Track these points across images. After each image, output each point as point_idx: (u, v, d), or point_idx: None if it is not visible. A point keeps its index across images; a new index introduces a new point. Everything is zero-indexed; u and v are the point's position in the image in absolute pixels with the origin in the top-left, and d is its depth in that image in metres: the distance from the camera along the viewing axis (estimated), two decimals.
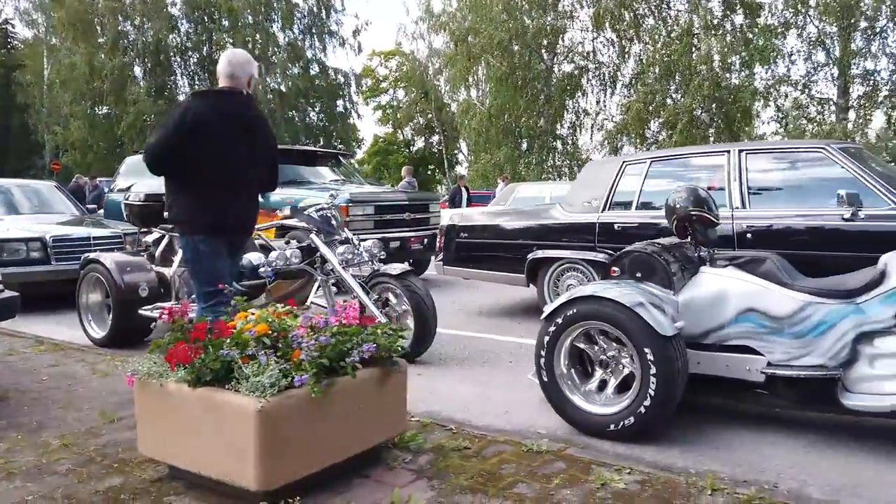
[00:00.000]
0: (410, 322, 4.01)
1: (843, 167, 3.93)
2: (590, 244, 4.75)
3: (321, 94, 30.12)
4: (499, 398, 3.29)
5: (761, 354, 2.76)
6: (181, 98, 29.03)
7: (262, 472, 1.86)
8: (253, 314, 2.26)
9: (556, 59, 22.48)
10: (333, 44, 28.95)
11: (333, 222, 4.33)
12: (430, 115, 35.90)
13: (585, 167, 5.31)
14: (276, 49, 27.71)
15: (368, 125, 61.38)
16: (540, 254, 4.97)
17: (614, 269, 3.10)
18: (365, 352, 2.02)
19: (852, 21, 16.10)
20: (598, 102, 22.99)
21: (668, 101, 19.26)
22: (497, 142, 22.30)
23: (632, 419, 2.68)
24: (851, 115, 16.90)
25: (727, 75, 18.51)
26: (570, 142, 23.19)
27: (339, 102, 31.04)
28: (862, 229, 3.75)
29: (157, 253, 4.86)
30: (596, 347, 2.87)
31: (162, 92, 27.92)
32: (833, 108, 17.26)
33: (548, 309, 2.92)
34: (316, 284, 4.41)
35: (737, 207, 4.17)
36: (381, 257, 4.42)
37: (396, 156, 38.87)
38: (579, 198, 4.92)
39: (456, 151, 36.14)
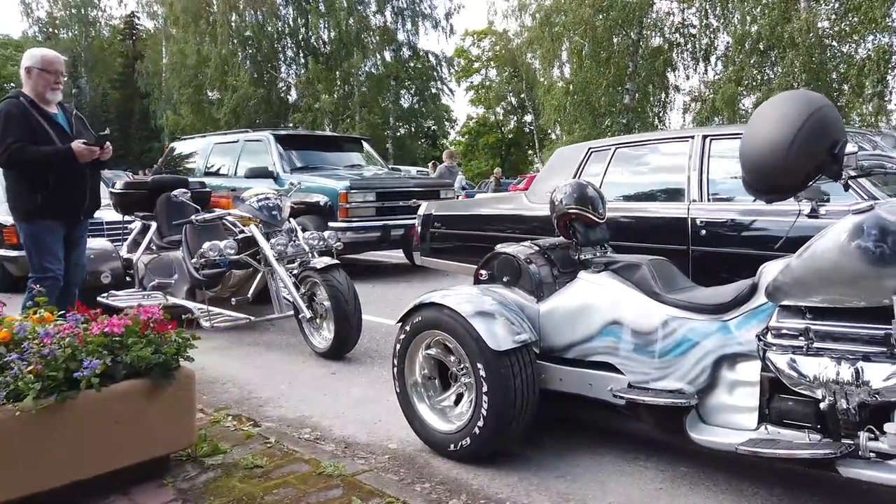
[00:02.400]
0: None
1: None
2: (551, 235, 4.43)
3: (412, 77, 30.38)
4: (384, 405, 3.13)
5: (622, 374, 2.43)
6: (280, 84, 30.45)
7: None
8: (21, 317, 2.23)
9: (643, 34, 21.29)
10: (426, 27, 28.93)
11: (276, 212, 4.29)
12: (522, 95, 35.28)
13: (553, 154, 4.94)
14: (370, 34, 28.08)
15: (462, 106, 61.06)
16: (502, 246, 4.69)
17: (482, 272, 2.84)
18: (85, 368, 1.93)
19: None
20: (688, 79, 21.69)
21: (763, 76, 17.76)
22: (575, 119, 21.53)
23: (468, 440, 2.45)
24: None
25: (834, 45, 16.78)
26: (657, 121, 22.00)
27: (431, 84, 31.18)
28: (822, 227, 3.21)
29: (129, 240, 5.06)
30: (452, 357, 2.65)
31: (262, 78, 29.19)
32: None
33: (400, 314, 2.73)
34: (260, 276, 4.41)
35: (693, 200, 3.72)
36: (328, 249, 4.35)
37: (487, 136, 38.58)
38: (544, 187, 4.57)
39: (550, 131, 35.33)
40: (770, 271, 2.13)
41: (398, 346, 2.70)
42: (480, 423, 2.40)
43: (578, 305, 2.55)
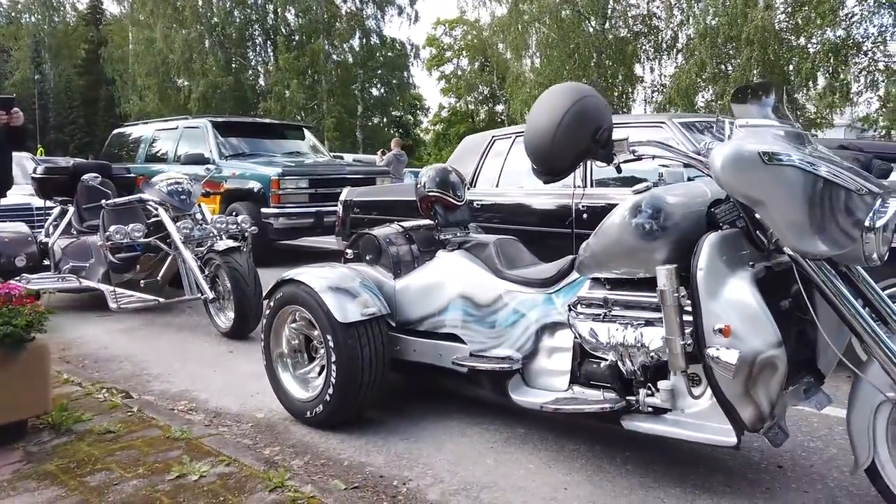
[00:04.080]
0: None
1: (686, 141, 3.59)
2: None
3: (380, 66, 30.34)
4: (267, 381, 3.26)
5: (465, 343, 2.61)
6: (249, 72, 30.21)
7: None
8: None
9: (607, 24, 21.53)
10: (391, 13, 28.88)
11: (184, 197, 4.40)
12: (493, 85, 35.41)
13: (462, 142, 5.11)
14: (339, 20, 27.94)
15: (435, 95, 61.04)
16: None
17: (348, 251, 3.00)
18: None
19: None
20: (651, 71, 22.00)
21: (721, 69, 18.09)
22: None
23: (321, 407, 2.61)
24: None
25: (791, 38, 17.14)
26: (621, 112, 22.29)
27: (399, 73, 31.17)
28: None
29: (47, 224, 5.13)
30: (316, 332, 2.80)
31: (230, 65, 28.96)
32: None
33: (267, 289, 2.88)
34: (170, 259, 4.52)
35: (578, 187, 3.91)
36: (238, 233, 4.47)
37: (459, 126, 38.61)
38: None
39: (521, 122, 35.53)
40: (582, 247, 2.32)
41: (265, 321, 2.86)
42: (330, 391, 2.56)
43: (431, 282, 2.72)
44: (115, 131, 9.14)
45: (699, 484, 2.18)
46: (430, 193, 2.90)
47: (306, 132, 8.53)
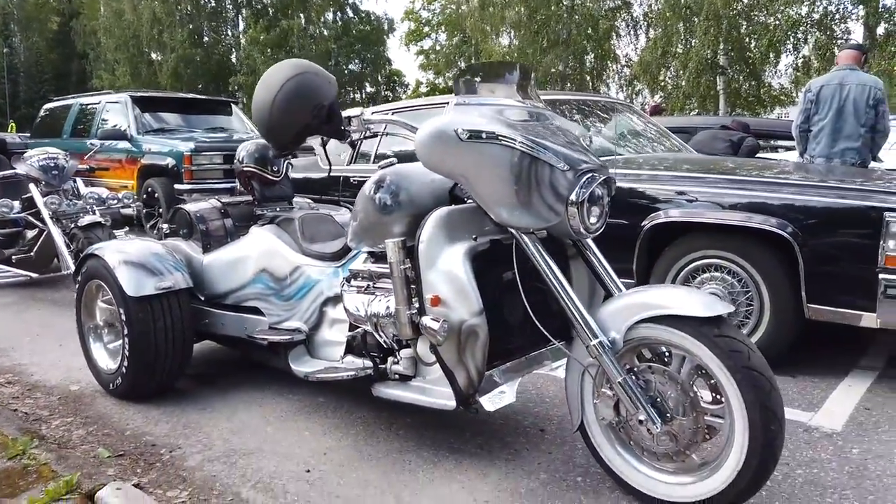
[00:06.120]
0: None
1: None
2: (335, 199, 4.63)
3: (356, 40, 30.03)
4: None
5: (265, 316, 2.65)
6: (221, 46, 29.81)
7: None
8: None
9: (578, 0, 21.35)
10: None
11: (55, 172, 4.39)
12: (472, 60, 35.10)
13: None
14: None
15: (414, 71, 60.34)
16: None
17: (164, 225, 3.03)
18: None
19: None
20: (620, 48, 21.89)
21: (686, 45, 18.04)
22: None
23: (119, 380, 2.65)
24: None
25: (758, 14, 17.09)
26: (590, 88, 22.21)
27: (376, 48, 30.90)
28: None
29: None
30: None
31: (202, 39, 28.58)
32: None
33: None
34: (45, 233, 4.52)
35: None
36: (118, 209, 4.48)
37: None
38: (335, 152, 4.76)
39: None
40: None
41: (76, 295, 2.89)
42: (126, 364, 2.60)
43: (237, 256, 2.75)
44: (46, 106, 9.03)
45: (455, 447, 2.25)
46: (246, 169, 2.93)
47: (234, 108, 8.47)
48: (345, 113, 2.09)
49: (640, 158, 3.57)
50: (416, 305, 1.96)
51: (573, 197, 1.83)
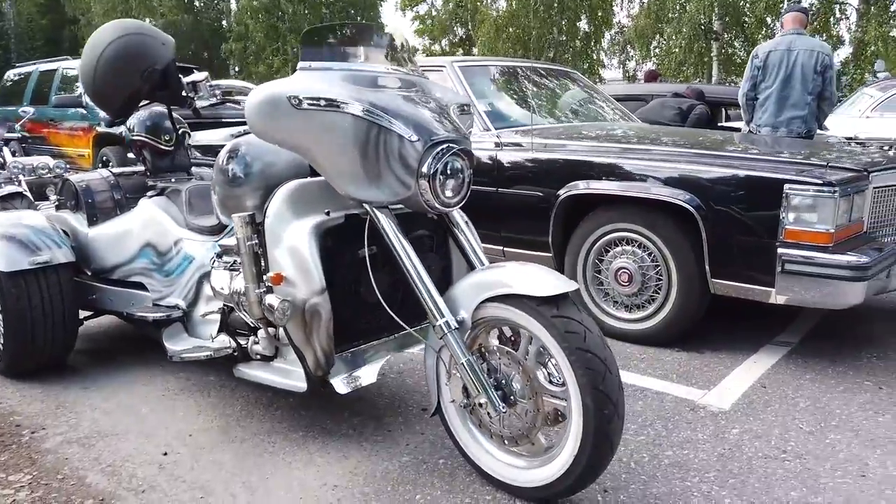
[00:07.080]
0: None
1: (462, 87, 3.48)
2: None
3: (349, 4, 29.49)
4: None
5: (149, 292, 2.56)
6: (210, 11, 29.27)
7: None
8: None
9: None
10: None
11: None
12: (469, 27, 34.48)
13: None
14: None
15: (410, 37, 59.34)
16: None
17: (52, 196, 2.92)
18: None
19: None
20: (616, 15, 21.43)
21: (680, 11, 17.65)
22: (504, 54, 21.26)
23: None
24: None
25: None
26: (584, 55, 21.83)
27: (368, 13, 30.33)
28: None
29: None
30: None
31: (191, 4, 28.08)
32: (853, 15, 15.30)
33: None
34: None
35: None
36: (49, 178, 4.37)
37: None
38: None
39: None
40: None
41: None
42: (2, 342, 2.53)
43: (124, 229, 2.64)
44: (9, 71, 8.86)
45: (327, 428, 2.18)
46: (136, 138, 2.80)
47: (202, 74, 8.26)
48: (188, 78, 1.97)
49: (560, 128, 3.43)
50: (268, 284, 1.87)
51: (424, 169, 1.71)
